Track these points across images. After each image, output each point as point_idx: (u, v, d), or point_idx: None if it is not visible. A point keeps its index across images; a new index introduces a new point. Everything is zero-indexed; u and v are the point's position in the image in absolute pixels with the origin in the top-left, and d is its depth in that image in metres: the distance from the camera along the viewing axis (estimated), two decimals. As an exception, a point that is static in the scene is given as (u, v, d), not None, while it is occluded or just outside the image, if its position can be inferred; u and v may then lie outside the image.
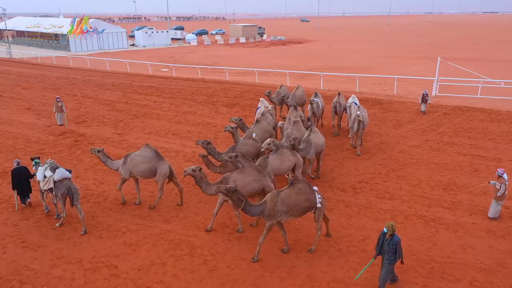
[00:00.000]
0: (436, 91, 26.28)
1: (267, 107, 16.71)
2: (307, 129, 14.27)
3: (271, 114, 16.05)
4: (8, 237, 10.41)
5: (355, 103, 17.72)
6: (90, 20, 62.18)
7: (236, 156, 11.17)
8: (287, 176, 13.01)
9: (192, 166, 10.18)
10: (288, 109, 21.04)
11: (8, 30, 61.18)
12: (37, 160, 11.37)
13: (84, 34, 56.66)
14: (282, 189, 9.39)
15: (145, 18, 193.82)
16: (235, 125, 13.92)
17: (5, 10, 55.71)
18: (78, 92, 28.70)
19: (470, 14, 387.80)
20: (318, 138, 13.43)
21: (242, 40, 73.16)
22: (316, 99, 17.91)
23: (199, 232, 10.58)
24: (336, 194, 12.69)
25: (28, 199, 11.92)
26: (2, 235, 10.46)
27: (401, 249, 8.02)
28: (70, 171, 10.87)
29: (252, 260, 9.33)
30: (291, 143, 12.26)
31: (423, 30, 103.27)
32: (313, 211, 9.45)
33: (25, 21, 70.40)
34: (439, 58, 26.73)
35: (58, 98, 20.19)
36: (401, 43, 66.59)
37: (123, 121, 21.12)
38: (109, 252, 9.74)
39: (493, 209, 11.09)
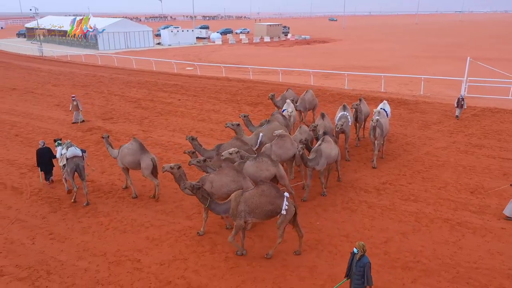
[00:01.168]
0: (464, 91, 25.57)
1: (288, 111, 16.07)
2: (317, 139, 13.32)
3: (282, 115, 15.47)
4: (37, 228, 10.76)
5: (384, 109, 16.29)
6: (119, 18, 63.52)
7: (204, 161, 10.94)
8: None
9: (171, 164, 10.19)
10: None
11: (40, 29, 63.14)
12: (59, 141, 12.73)
13: (84, 34, 57.44)
14: (248, 189, 9.35)
15: (171, 17, 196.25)
16: (237, 122, 13.79)
17: (37, 10, 57.44)
18: (105, 90, 29.37)
19: (502, 12, 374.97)
20: (330, 148, 12.36)
21: (267, 39, 73.11)
22: (344, 112, 15.56)
23: (220, 229, 10.64)
24: (359, 195, 12.54)
25: (51, 178, 13.38)
26: (31, 227, 10.82)
27: (369, 274, 7.19)
28: (84, 151, 12.39)
29: (267, 256, 9.36)
30: (300, 153, 11.44)
31: (451, 30, 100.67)
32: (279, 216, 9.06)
33: (55, 20, 72.41)
34: (468, 58, 25.97)
35: (73, 96, 20.54)
36: (428, 42, 65.10)
37: (148, 118, 21.47)
38: (133, 246, 9.93)
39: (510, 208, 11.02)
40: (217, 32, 79.83)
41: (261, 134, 13.27)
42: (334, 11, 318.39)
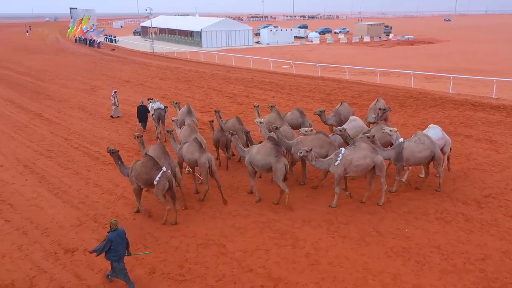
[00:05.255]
0: None
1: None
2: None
3: (301, 113, 15.88)
4: (138, 206, 11.90)
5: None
6: (222, 18, 66.60)
7: (140, 136, 12.54)
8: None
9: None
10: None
11: (153, 27, 69.01)
12: (151, 100, 18.43)
13: (84, 34, 59.81)
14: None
15: (271, 17, 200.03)
16: (258, 104, 16.93)
17: (152, 10, 62.78)
18: (206, 85, 31.13)
19: None
20: (261, 155, 11.50)
21: (366, 39, 70.82)
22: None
23: (304, 225, 10.71)
24: (456, 206, 11.62)
25: (145, 128, 19.04)
26: (133, 204, 11.96)
27: (102, 244, 8.01)
28: (166, 107, 17.87)
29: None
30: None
31: None
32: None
33: (166, 20, 78.49)
34: None
35: (115, 92, 21.72)
36: (556, 44, 57.21)
37: (242, 114, 22.27)
38: (220, 231, 10.47)
39: None
40: (316, 32, 79.42)
41: (261, 119, 14.70)
42: (444, 10, 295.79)
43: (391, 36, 75.34)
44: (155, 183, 10.44)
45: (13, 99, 26.98)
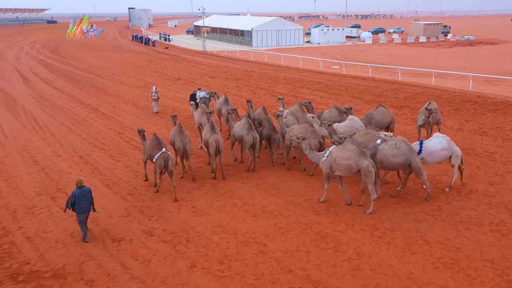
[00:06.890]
0: None
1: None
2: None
3: (339, 111, 15.48)
4: (183, 201, 12.17)
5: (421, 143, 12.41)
6: (273, 17, 66.62)
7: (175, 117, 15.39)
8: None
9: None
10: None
11: (205, 26, 70.40)
12: (201, 88, 20.70)
13: (84, 34, 59.81)
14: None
15: (323, 16, 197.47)
16: (282, 97, 18.00)
17: (205, 9, 64.08)
18: (254, 84, 31.29)
19: None
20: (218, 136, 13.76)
21: (422, 39, 67.93)
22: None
23: (346, 228, 10.45)
24: (514, 218, 10.84)
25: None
26: (178, 198, 12.27)
27: (68, 199, 9.92)
28: (210, 96, 20.02)
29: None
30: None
31: None
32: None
33: (218, 19, 79.78)
34: None
35: (155, 88, 22.96)
36: None
37: (289, 113, 22.14)
38: (261, 230, 10.46)
39: None
40: (368, 32, 77.36)
41: (286, 111, 15.92)
42: (510, 9, 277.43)
43: (449, 36, 71.76)
44: (154, 160, 12.08)
45: (74, 94, 28.60)
